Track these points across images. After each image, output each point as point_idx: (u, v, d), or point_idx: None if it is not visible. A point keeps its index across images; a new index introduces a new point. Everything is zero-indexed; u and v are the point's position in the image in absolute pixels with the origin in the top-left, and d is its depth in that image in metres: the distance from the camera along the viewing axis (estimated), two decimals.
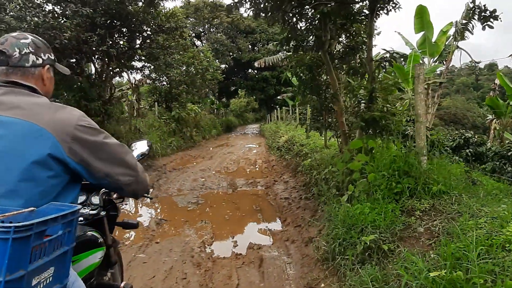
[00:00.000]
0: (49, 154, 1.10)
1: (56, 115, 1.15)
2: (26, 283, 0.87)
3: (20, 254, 0.83)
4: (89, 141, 1.18)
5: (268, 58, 15.37)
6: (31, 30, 6.98)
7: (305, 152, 8.44)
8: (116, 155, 1.27)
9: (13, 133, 1.08)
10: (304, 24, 5.86)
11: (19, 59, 1.21)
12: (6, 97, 1.14)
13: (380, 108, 4.41)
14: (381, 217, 2.98)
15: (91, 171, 1.20)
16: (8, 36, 1.23)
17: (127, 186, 1.33)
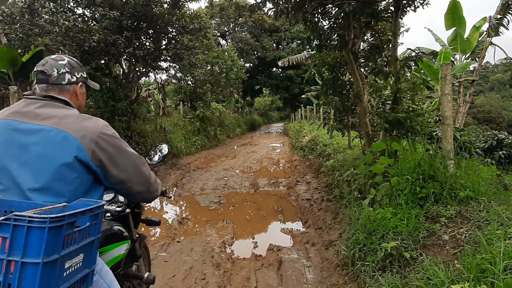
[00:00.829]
0: (76, 156, 1.27)
1: (83, 123, 1.33)
2: (60, 266, 1.03)
3: (54, 241, 0.99)
4: (109, 148, 1.34)
5: (292, 57, 15.20)
6: (63, 33, 7.28)
7: (328, 152, 8.34)
8: (132, 164, 1.42)
9: (46, 139, 1.27)
10: (327, 23, 5.78)
11: (57, 78, 1.41)
12: (42, 109, 1.33)
13: (405, 109, 4.27)
14: (404, 223, 2.89)
15: (107, 176, 1.36)
16: (48, 59, 1.44)
17: (138, 194, 1.49)
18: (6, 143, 1.28)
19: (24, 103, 1.37)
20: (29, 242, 0.96)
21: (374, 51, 5.62)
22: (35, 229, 0.96)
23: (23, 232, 0.96)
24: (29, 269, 0.96)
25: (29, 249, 0.96)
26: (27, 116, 1.31)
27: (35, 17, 7.50)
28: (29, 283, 0.96)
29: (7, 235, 0.96)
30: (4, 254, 0.96)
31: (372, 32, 5.75)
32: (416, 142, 4.29)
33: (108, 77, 8.67)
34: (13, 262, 0.96)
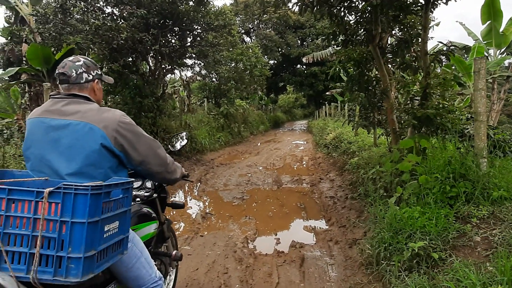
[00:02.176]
0: (101, 144, 1.48)
1: (103, 115, 1.53)
2: (100, 227, 1.26)
3: (95, 206, 1.23)
4: (127, 134, 1.55)
5: (317, 53, 15.00)
6: (93, 32, 7.52)
7: (352, 150, 8.18)
8: (149, 147, 1.64)
9: (75, 131, 1.48)
10: (353, 18, 5.64)
11: (76, 77, 1.60)
12: (68, 106, 1.54)
13: (435, 105, 4.12)
14: (432, 223, 2.79)
15: (129, 159, 1.58)
16: (66, 61, 1.63)
17: (158, 174, 1.72)
18: (42, 138, 1.51)
19: (51, 102, 1.58)
20: (76, 206, 1.21)
21: (402, 45, 5.44)
22: (80, 196, 1.20)
23: (71, 198, 1.20)
24: (77, 228, 1.20)
25: (76, 212, 1.20)
26: (56, 113, 1.52)
27: (67, 16, 7.79)
28: (77, 239, 1.19)
29: (58, 200, 1.20)
30: (57, 216, 1.20)
31: (401, 26, 5.57)
32: (446, 140, 4.13)
33: (135, 74, 8.89)
34: (64, 223, 1.20)
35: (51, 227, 1.21)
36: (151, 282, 1.67)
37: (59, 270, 1.19)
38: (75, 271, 1.18)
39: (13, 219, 1.22)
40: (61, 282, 1.19)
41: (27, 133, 1.56)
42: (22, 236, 1.21)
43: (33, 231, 1.21)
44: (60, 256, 1.19)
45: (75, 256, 1.19)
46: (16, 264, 1.20)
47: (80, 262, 1.19)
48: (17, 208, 1.22)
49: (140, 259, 1.64)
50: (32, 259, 1.19)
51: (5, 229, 1.21)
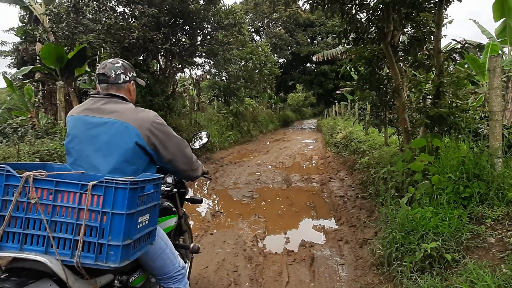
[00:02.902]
0: (136, 142, 1.59)
1: (139, 115, 1.64)
2: (135, 219, 1.38)
3: (132, 199, 1.34)
4: (159, 134, 1.66)
5: (327, 52, 14.93)
6: (105, 31, 7.61)
7: (363, 149, 8.11)
8: (178, 146, 1.75)
9: (112, 129, 1.58)
10: (365, 15, 5.58)
11: (114, 78, 1.71)
12: (106, 105, 1.65)
13: (448, 104, 4.05)
14: (445, 223, 2.74)
15: (159, 157, 1.69)
16: (106, 62, 1.75)
17: (184, 171, 1.85)
18: (82, 134, 1.62)
19: (92, 101, 1.69)
20: (116, 199, 1.32)
21: (415, 43, 5.36)
22: (120, 190, 1.32)
23: (112, 191, 1.32)
24: (117, 218, 1.32)
25: (116, 204, 1.32)
26: (95, 111, 1.63)
27: (79, 15, 7.89)
28: (117, 229, 1.31)
29: (100, 193, 1.32)
30: (99, 208, 1.32)
31: (413, 24, 5.49)
32: (459, 139, 4.06)
33: (146, 73, 8.96)
34: (105, 214, 1.32)
35: (93, 217, 1.33)
36: (175, 271, 1.79)
37: (100, 256, 1.32)
38: (114, 257, 1.31)
39: (59, 209, 1.35)
40: (101, 267, 1.31)
41: (68, 129, 1.68)
42: (67, 224, 1.33)
43: (77, 220, 1.33)
44: (101, 244, 1.32)
45: (114, 243, 1.31)
46: (62, 249, 1.32)
47: (119, 250, 1.31)
48: (63, 198, 1.35)
49: (165, 250, 1.76)
50: (76, 245, 1.31)
51: (52, 217, 1.33)
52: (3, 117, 10.62)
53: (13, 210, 1.33)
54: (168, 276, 1.77)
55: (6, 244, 1.33)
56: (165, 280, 1.78)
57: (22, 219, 1.33)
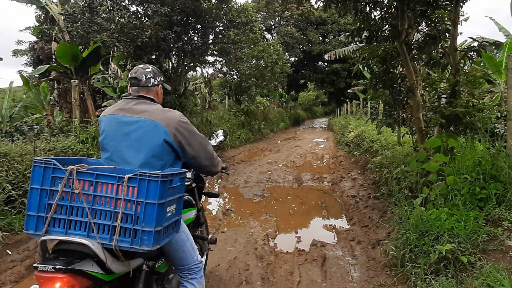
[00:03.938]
0: (164, 139, 1.75)
1: (166, 115, 1.80)
2: (165, 208, 1.53)
3: (163, 190, 1.49)
4: (185, 132, 1.82)
5: (339, 50, 14.77)
6: (118, 30, 7.70)
7: (375, 148, 8.03)
8: (201, 144, 1.90)
9: (142, 128, 1.74)
10: (379, 13, 5.51)
11: (145, 82, 1.88)
12: (137, 106, 1.81)
13: (464, 103, 3.97)
14: (461, 225, 2.70)
15: (184, 153, 1.85)
16: (138, 67, 1.93)
17: (206, 167, 2.00)
18: (115, 131, 1.78)
19: (124, 102, 1.86)
20: (149, 190, 1.48)
21: (430, 41, 5.27)
22: (152, 182, 1.47)
23: (145, 183, 1.47)
24: (149, 207, 1.47)
25: (149, 195, 1.47)
26: (127, 111, 1.80)
27: (94, 15, 8.00)
28: (150, 217, 1.47)
29: (135, 185, 1.48)
30: (134, 198, 1.48)
31: (428, 21, 5.40)
32: (475, 139, 3.98)
33: None
34: (139, 203, 1.48)
35: (129, 206, 1.49)
36: (193, 264, 1.93)
37: (135, 240, 1.48)
38: (147, 241, 1.47)
39: (99, 198, 1.51)
40: (136, 250, 1.48)
41: (103, 127, 1.84)
42: (106, 212, 1.50)
43: (115, 208, 1.49)
44: (136, 229, 1.48)
45: (147, 229, 1.47)
46: (101, 234, 1.49)
47: (152, 235, 1.47)
48: (102, 189, 1.52)
49: (186, 243, 1.90)
50: (114, 230, 1.47)
51: (93, 206, 1.50)
52: (19, 114, 10.85)
53: (59, 199, 1.51)
54: (186, 268, 1.91)
55: (53, 229, 1.52)
56: (184, 271, 1.92)
57: (67, 207, 1.52)
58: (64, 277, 1.39)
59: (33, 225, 1.53)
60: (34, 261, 3.54)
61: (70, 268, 1.41)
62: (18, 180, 4.44)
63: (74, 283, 1.41)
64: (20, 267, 3.43)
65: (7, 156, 4.59)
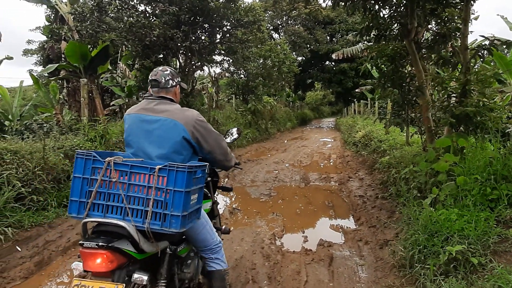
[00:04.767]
0: (183, 136, 1.92)
1: (184, 113, 1.97)
2: (189, 196, 1.72)
3: (188, 180, 1.69)
4: (201, 130, 1.97)
5: (347, 49, 14.67)
6: (127, 29, 7.74)
7: (383, 148, 7.96)
8: (216, 140, 2.07)
9: (163, 126, 1.91)
10: (388, 12, 5.46)
11: (164, 83, 2.04)
12: (158, 106, 1.97)
13: (475, 103, 3.91)
14: (471, 226, 2.66)
15: (201, 148, 2.02)
16: (157, 70, 2.07)
17: (220, 161, 2.17)
18: (138, 129, 1.96)
19: (146, 102, 2.02)
20: (177, 179, 1.67)
21: (440, 40, 5.21)
22: (180, 172, 1.67)
23: (174, 174, 1.68)
24: (177, 194, 1.67)
25: (177, 183, 1.67)
26: (149, 110, 1.96)
27: (103, 14, 8.06)
28: (177, 203, 1.67)
29: (165, 175, 1.68)
30: (164, 186, 1.68)
31: (437, 20, 5.33)
32: (486, 139, 3.92)
33: None
34: (168, 191, 1.68)
35: (159, 193, 1.69)
36: (214, 244, 2.14)
37: (164, 223, 1.67)
38: (175, 224, 1.67)
39: (133, 186, 1.71)
40: (165, 232, 1.68)
41: (127, 125, 2.02)
42: (139, 198, 1.70)
43: (146, 195, 1.69)
44: (165, 214, 1.67)
45: (175, 214, 1.67)
46: (135, 217, 1.69)
47: (179, 219, 1.67)
48: (135, 178, 1.72)
49: (206, 226, 2.11)
50: (146, 214, 1.67)
51: (128, 193, 1.71)
52: (29, 113, 10.98)
53: (98, 186, 1.72)
54: (208, 248, 2.13)
55: (93, 213, 1.73)
56: (206, 252, 2.14)
57: (105, 194, 1.73)
58: (105, 253, 1.62)
59: (76, 209, 1.75)
60: (43, 258, 3.59)
61: (110, 245, 1.63)
62: (27, 178, 4.49)
63: (113, 258, 1.64)
64: (29, 263, 3.46)
65: (17, 154, 4.65)
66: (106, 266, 1.63)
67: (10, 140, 5.22)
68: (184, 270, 2.11)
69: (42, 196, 4.54)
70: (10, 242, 3.70)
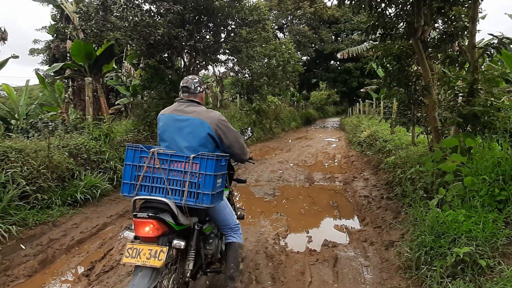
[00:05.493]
0: (208, 133, 2.33)
1: (209, 114, 2.39)
2: (216, 179, 2.15)
3: (216, 166, 2.12)
4: (223, 127, 2.39)
5: (352, 49, 14.59)
6: (131, 28, 7.74)
7: (388, 148, 7.90)
8: (234, 137, 2.47)
9: (192, 124, 2.34)
10: (394, 10, 5.40)
11: (193, 89, 2.47)
12: (188, 107, 2.40)
13: (482, 102, 3.85)
14: (479, 228, 2.61)
15: (222, 143, 2.42)
16: (187, 78, 2.52)
17: (238, 155, 2.57)
18: (171, 126, 2.37)
19: (178, 104, 2.45)
20: (207, 165, 2.13)
21: (447, 39, 5.14)
22: (209, 160, 2.13)
23: (205, 161, 2.13)
24: (208, 177, 2.13)
25: (207, 169, 2.13)
26: (181, 111, 2.39)
27: (107, 13, 8.06)
28: (208, 184, 2.12)
29: (197, 162, 2.14)
30: (197, 171, 2.14)
31: (444, 18, 5.26)
32: (494, 139, 3.86)
33: (170, 70, 9.05)
34: (200, 175, 2.13)
35: (193, 177, 2.14)
36: (233, 224, 2.58)
37: (197, 200, 2.13)
38: (206, 201, 2.13)
39: (172, 172, 2.18)
40: (198, 207, 2.14)
41: (162, 123, 2.42)
42: (177, 180, 2.16)
43: (183, 178, 2.15)
44: (198, 192, 2.13)
45: (206, 192, 2.13)
46: (174, 196, 2.16)
47: (209, 196, 2.12)
48: (174, 165, 2.18)
49: (226, 208, 2.55)
50: (183, 193, 2.14)
51: (168, 176, 2.17)
52: (35, 112, 11.05)
53: (144, 172, 2.18)
54: (228, 227, 2.56)
55: (141, 193, 2.20)
56: (227, 230, 2.57)
57: (150, 177, 2.19)
58: (152, 222, 2.05)
59: (127, 189, 2.22)
60: (47, 256, 3.59)
61: (156, 216, 2.05)
62: (32, 176, 4.50)
63: (158, 227, 2.07)
64: (33, 261, 3.47)
65: (22, 152, 4.66)
66: (153, 232, 2.06)
67: (15, 138, 5.24)
68: (207, 247, 2.51)
69: (46, 195, 4.55)
70: (14, 240, 3.71)
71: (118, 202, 5.40)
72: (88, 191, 5.08)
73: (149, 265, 1.99)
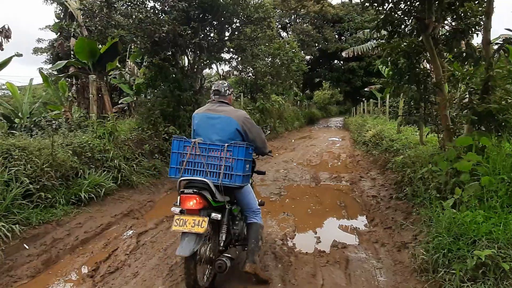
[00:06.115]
0: (236, 128, 2.83)
1: (237, 113, 2.89)
2: (245, 164, 2.76)
3: (245, 152, 2.76)
4: (248, 124, 2.88)
5: (357, 48, 14.43)
6: (136, 25, 7.65)
7: (395, 148, 7.78)
8: (257, 132, 2.96)
9: (223, 121, 2.83)
10: (403, 6, 5.28)
11: (224, 92, 2.99)
12: (219, 107, 2.91)
13: (498, 100, 3.73)
14: (500, 229, 2.50)
15: (247, 137, 2.89)
16: (217, 83, 3.06)
17: (259, 148, 3.05)
18: (205, 123, 2.87)
19: (210, 104, 2.96)
20: (239, 152, 2.71)
21: (458, 36, 5.02)
22: (240, 147, 2.72)
23: (237, 148, 2.72)
24: (239, 162, 2.71)
25: (239, 154, 2.71)
26: (213, 111, 2.90)
27: (111, 10, 7.98)
28: (239, 167, 2.70)
29: (231, 149, 2.73)
30: (230, 156, 2.70)
31: (455, 15, 5.13)
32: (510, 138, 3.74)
33: (175, 68, 8.95)
34: (233, 160, 2.71)
35: (227, 161, 2.70)
36: (255, 208, 3.04)
37: (231, 180, 2.71)
38: (238, 181, 2.70)
39: (210, 158, 2.74)
40: (232, 185, 2.71)
41: (197, 120, 2.92)
42: (214, 165, 2.73)
43: (219, 163, 2.72)
44: (231, 174, 2.70)
45: (238, 173, 2.69)
46: (212, 177, 2.71)
47: (240, 177, 2.70)
48: (211, 152, 2.75)
49: (250, 193, 3.05)
50: (219, 175, 2.70)
51: (207, 161, 2.73)
52: (39, 111, 11.00)
53: (188, 158, 2.75)
54: (251, 210, 3.01)
55: (185, 175, 2.75)
56: (249, 213, 3.01)
57: (192, 162, 2.77)
58: (196, 197, 2.55)
59: (174, 172, 2.80)
60: (51, 256, 3.52)
61: (199, 192, 2.56)
62: (35, 174, 4.42)
63: (201, 201, 2.55)
64: (37, 261, 3.39)
65: (25, 150, 4.58)
66: (196, 205, 2.53)
67: (18, 136, 5.17)
68: (234, 227, 2.97)
69: (50, 193, 4.47)
70: (18, 240, 3.63)
71: (123, 201, 5.32)
72: (92, 190, 4.99)
73: (194, 231, 2.46)
